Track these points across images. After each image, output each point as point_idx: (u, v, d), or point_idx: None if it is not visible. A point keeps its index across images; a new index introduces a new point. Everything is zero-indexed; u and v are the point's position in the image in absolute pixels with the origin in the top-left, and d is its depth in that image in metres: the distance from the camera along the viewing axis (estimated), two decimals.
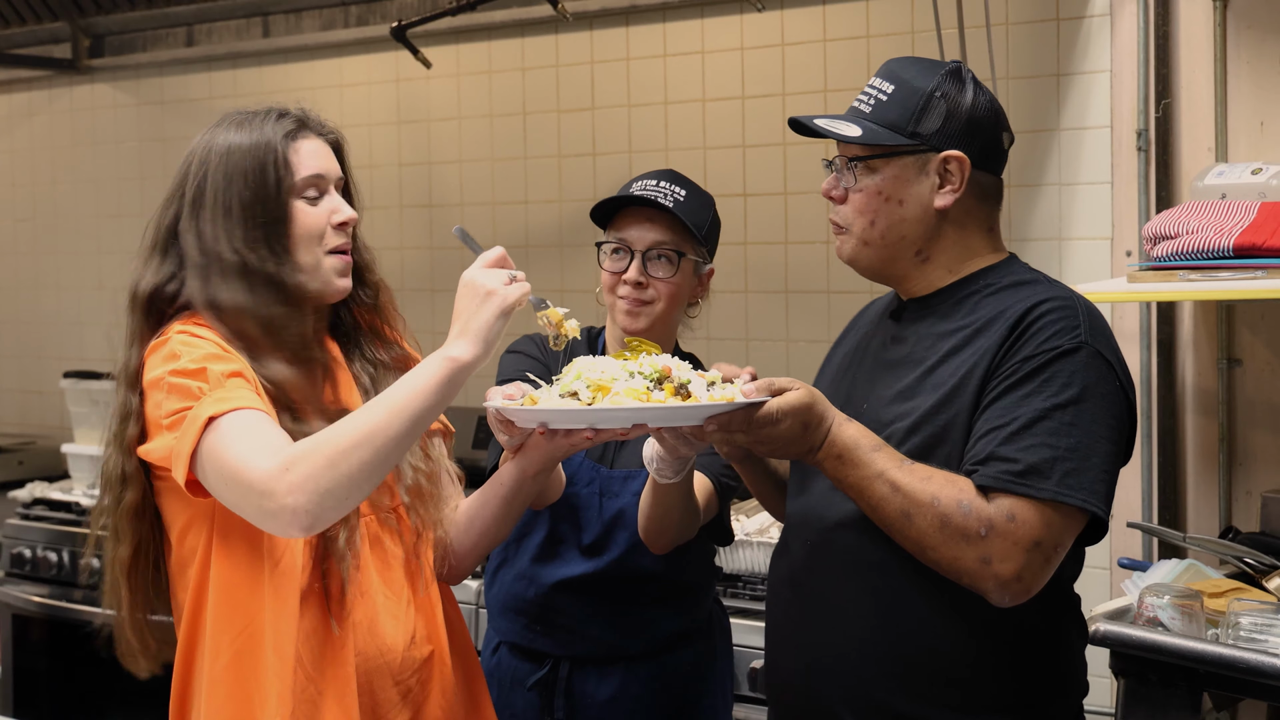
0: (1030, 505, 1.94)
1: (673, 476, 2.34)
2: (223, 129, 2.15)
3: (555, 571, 2.67)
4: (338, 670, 2.09)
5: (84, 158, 5.55)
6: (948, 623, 2.05)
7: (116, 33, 5.30)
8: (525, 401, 2.06)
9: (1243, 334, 3.31)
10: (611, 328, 2.74)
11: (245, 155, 2.11)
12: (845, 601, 2.12)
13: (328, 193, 2.16)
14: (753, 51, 4.02)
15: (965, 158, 2.13)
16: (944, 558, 1.96)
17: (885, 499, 1.98)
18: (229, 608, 2.07)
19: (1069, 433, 1.96)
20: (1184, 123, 3.35)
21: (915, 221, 2.14)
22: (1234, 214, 2.91)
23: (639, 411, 1.96)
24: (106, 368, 5.65)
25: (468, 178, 4.55)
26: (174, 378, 2.02)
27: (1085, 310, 2.06)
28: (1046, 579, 1.98)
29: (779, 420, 1.96)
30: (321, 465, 1.90)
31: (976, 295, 2.14)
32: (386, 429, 1.93)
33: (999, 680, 2.07)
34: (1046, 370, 1.99)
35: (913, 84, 2.14)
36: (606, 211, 2.71)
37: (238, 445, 1.94)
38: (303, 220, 2.12)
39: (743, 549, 3.35)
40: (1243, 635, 2.48)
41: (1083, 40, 3.48)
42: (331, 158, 2.19)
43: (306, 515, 1.90)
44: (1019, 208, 3.58)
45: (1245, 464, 3.30)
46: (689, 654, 2.75)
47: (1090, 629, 2.55)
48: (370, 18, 4.66)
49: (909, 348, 2.17)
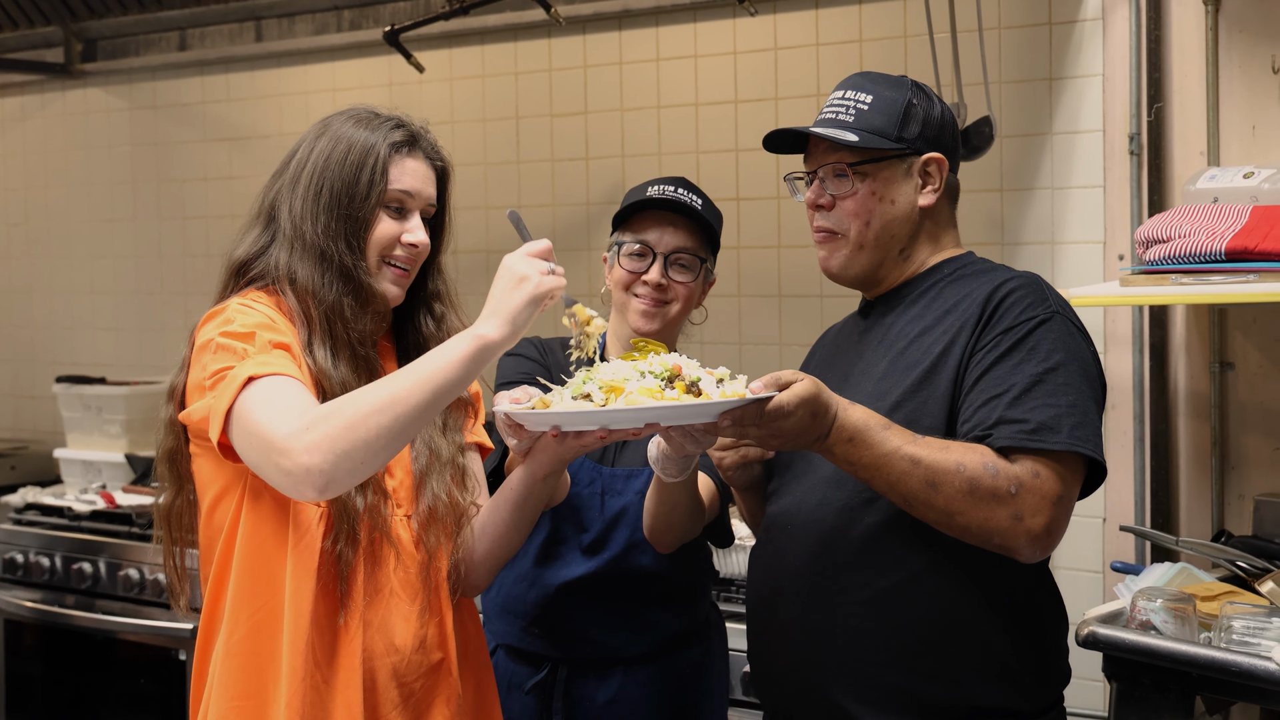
0: (1049, 460, 2.04)
1: (678, 475, 2.35)
2: (343, 119, 2.26)
3: (557, 573, 2.67)
4: (347, 660, 2.12)
5: (76, 162, 5.55)
6: (946, 601, 2.13)
7: (109, 37, 5.30)
8: (536, 405, 2.07)
9: (1235, 338, 3.31)
10: (618, 327, 2.75)
11: (351, 150, 2.21)
12: (838, 587, 2.17)
13: (412, 212, 2.24)
14: (745, 56, 4.03)
15: (944, 159, 2.31)
16: (973, 520, 2.03)
17: (906, 474, 2.04)
18: (252, 579, 2.11)
19: (1065, 392, 2.08)
20: (1176, 127, 3.36)
21: (904, 220, 2.30)
22: (1226, 218, 2.92)
23: (654, 411, 1.98)
24: (99, 372, 5.68)
25: (460, 182, 4.50)
26: (223, 338, 2.08)
27: (1047, 287, 2.21)
28: (1064, 531, 2.09)
29: (791, 412, 2.00)
30: (341, 427, 1.93)
31: (941, 283, 2.29)
32: (409, 398, 1.95)
33: (994, 653, 2.14)
34: (1030, 340, 2.12)
35: (888, 94, 2.31)
36: (623, 211, 2.72)
37: (268, 406, 1.98)
38: (378, 228, 2.20)
39: (736, 553, 3.36)
40: (1235, 639, 2.48)
41: (1075, 44, 3.49)
42: (430, 181, 2.28)
43: (321, 476, 1.93)
44: (1011, 212, 3.59)
45: (1238, 467, 3.31)
46: (688, 656, 2.75)
47: (1082, 632, 2.58)
48: (363, 22, 4.66)
49: (878, 339, 2.30)
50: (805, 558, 2.21)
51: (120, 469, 4.82)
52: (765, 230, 4.00)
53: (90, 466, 4.89)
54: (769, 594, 2.29)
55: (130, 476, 4.79)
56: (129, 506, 4.44)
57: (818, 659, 2.18)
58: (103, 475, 4.85)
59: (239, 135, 5.04)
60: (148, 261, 5.35)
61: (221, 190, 5.10)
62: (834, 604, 2.17)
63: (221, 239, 4.98)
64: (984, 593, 2.13)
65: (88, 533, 4.36)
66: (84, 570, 4.28)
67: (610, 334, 2.78)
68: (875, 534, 2.15)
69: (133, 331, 5.40)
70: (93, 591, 4.28)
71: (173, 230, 5.25)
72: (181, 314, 5.20)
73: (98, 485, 4.81)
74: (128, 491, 4.67)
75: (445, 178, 2.33)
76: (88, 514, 4.43)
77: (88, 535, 4.35)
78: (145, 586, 4.15)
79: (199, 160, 5.15)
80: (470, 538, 2.31)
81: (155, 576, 4.14)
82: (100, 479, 4.85)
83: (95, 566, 4.27)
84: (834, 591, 2.17)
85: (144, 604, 4.16)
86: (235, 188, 5.01)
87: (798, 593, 2.21)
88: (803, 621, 2.20)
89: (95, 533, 4.35)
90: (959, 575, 2.12)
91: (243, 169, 5.00)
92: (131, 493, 4.64)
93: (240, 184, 4.98)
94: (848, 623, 2.16)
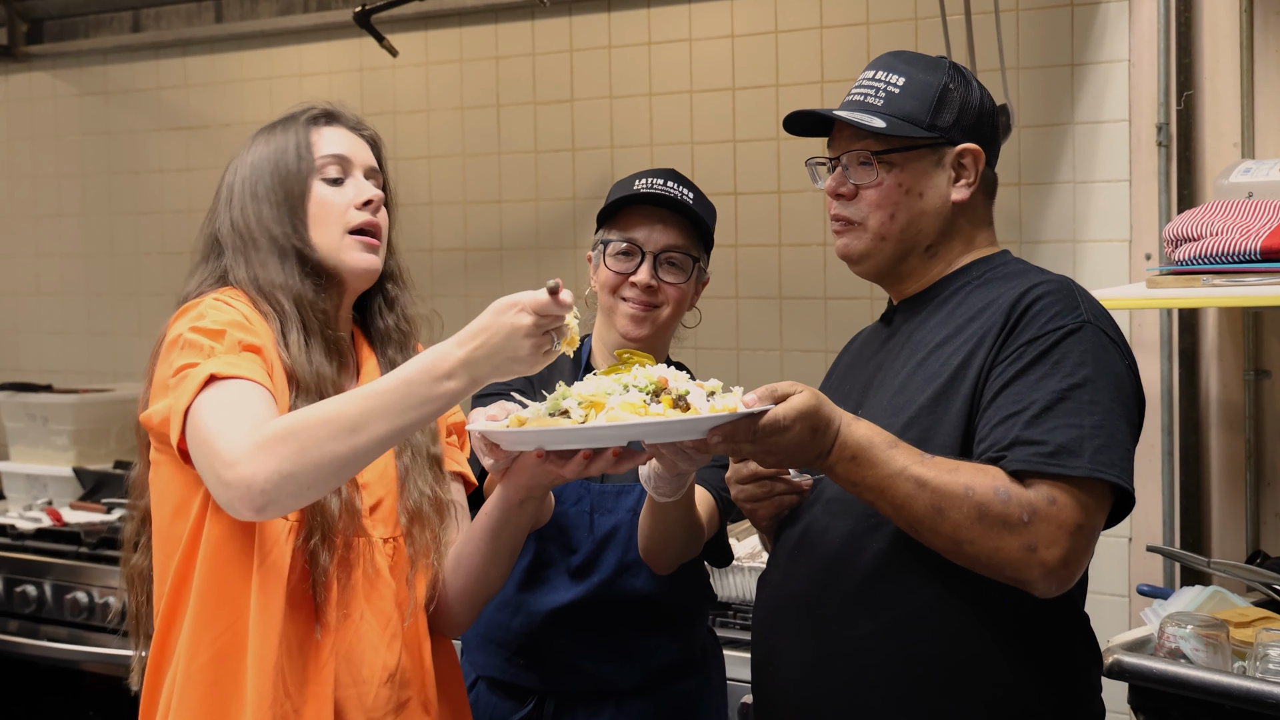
0: (1067, 487, 1.99)
1: (671, 495, 2.34)
2: (258, 134, 2.34)
3: (544, 598, 2.66)
4: (318, 689, 2.11)
5: (21, 152, 5.53)
6: (956, 637, 2.09)
7: (56, 17, 5.29)
8: (511, 422, 2.04)
9: (1271, 343, 3.32)
10: (604, 332, 2.74)
11: (272, 145, 2.29)
12: (845, 617, 2.14)
13: (352, 175, 2.30)
14: (744, 39, 4.03)
15: (980, 150, 2.26)
16: (983, 550, 1.99)
17: (912, 496, 2.01)
18: (215, 599, 2.09)
19: (1090, 411, 2.02)
20: (1207, 116, 3.36)
21: (933, 215, 2.26)
22: (1261, 214, 2.92)
23: (637, 427, 1.95)
24: (45, 379, 5.64)
25: (437, 174, 4.55)
26: (192, 333, 2.10)
27: (1081, 292, 2.16)
28: (1087, 564, 2.04)
29: (787, 427, 1.97)
30: (293, 448, 1.92)
31: (968, 287, 2.25)
32: (372, 429, 1.94)
33: (1008, 695, 2.10)
34: (1055, 351, 2.06)
35: (923, 77, 2.26)
36: (608, 207, 2.71)
37: (224, 411, 1.99)
38: (320, 201, 2.26)
39: (734, 574, 3.35)
40: (1271, 668, 2.48)
41: (1099, 27, 3.49)
42: (361, 147, 2.34)
43: (262, 495, 1.92)
44: (1030, 207, 3.59)
45: (1274, 483, 3.31)
46: (683, 688, 2.74)
47: (1107, 661, 2.57)
48: (332, 1, 4.65)
49: (900, 346, 2.26)
50: (809, 585, 2.19)
51: (68, 483, 4.80)
52: (765, 227, 3.99)
53: (35, 481, 4.87)
54: (772, 621, 2.27)
55: (79, 492, 4.76)
56: (77, 524, 4.41)
57: (819, 693, 2.16)
58: (49, 490, 4.83)
59: (197, 124, 5.03)
60: (98, 260, 5.34)
61: (178, 183, 5.09)
62: (839, 636, 2.14)
63: (178, 235, 5.00)
64: (1002, 628, 2.09)
65: (32, 553, 4.33)
66: (28, 593, 4.26)
67: (596, 341, 2.77)
68: (883, 562, 2.12)
69: (81, 335, 5.38)
70: (37, 616, 4.26)
71: (125, 226, 5.24)
72: (134, 316, 5.19)
73: (43, 501, 4.78)
74: (76, 508, 4.65)
75: (378, 147, 2.38)
76: (32, 532, 4.40)
77: (32, 555, 4.32)
78: (94, 611, 4.13)
79: (154, 150, 5.14)
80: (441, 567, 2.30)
81: (105, 600, 4.12)
82: (46, 494, 4.83)
83: (40, 589, 4.25)
84: (839, 622, 2.14)
85: (93, 629, 4.13)
86: (193, 180, 5.00)
87: (800, 622, 2.19)
88: (804, 653, 2.18)
89: (40, 553, 4.32)
90: (975, 608, 2.09)
91: (201, 160, 4.98)
92: (80, 509, 4.62)
93: (199, 176, 4.97)
94: (852, 657, 2.13)
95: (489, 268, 4.42)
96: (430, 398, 1.95)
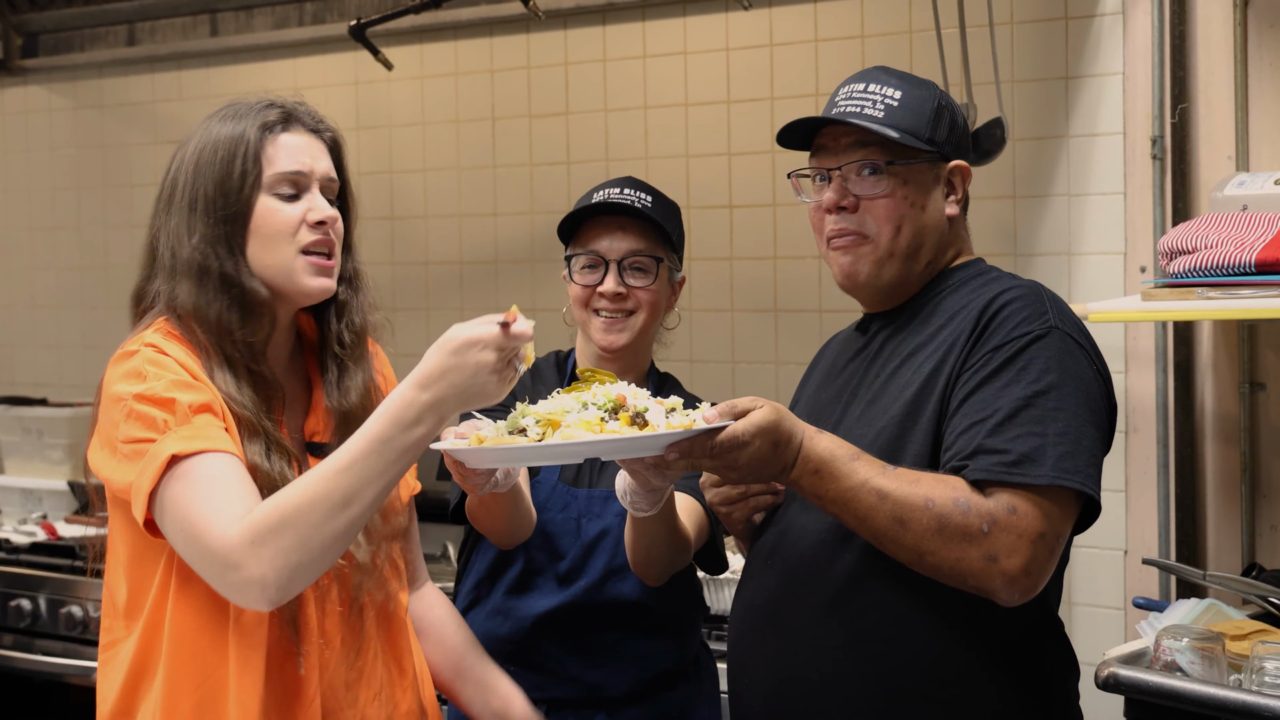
0: (1029, 495, 1.99)
1: (649, 509, 2.34)
2: (212, 118, 2.19)
3: (531, 604, 2.66)
4: None
5: (15, 165, 5.53)
6: (929, 646, 2.09)
7: (51, 31, 5.29)
8: (471, 440, 2.04)
9: (1266, 356, 3.32)
10: (585, 346, 2.75)
11: (219, 147, 2.13)
12: (817, 629, 2.14)
13: (309, 190, 2.16)
14: (739, 52, 4.03)
15: (969, 168, 2.27)
16: (945, 561, 1.99)
17: (873, 508, 2.00)
18: (190, 653, 2.05)
19: (1055, 418, 2.02)
20: (1202, 129, 3.36)
21: (933, 229, 2.26)
22: (1256, 227, 2.92)
23: (592, 445, 1.96)
24: (40, 393, 5.62)
25: (432, 188, 4.55)
26: (138, 404, 2.02)
27: (1050, 297, 2.16)
28: (1051, 572, 2.03)
29: (746, 443, 1.97)
30: (293, 540, 1.91)
31: (942, 294, 2.25)
32: (363, 496, 1.94)
33: (988, 704, 2.11)
34: (1021, 358, 2.06)
35: (917, 92, 2.26)
36: (571, 225, 2.73)
37: (202, 501, 1.94)
38: (270, 218, 2.12)
39: (729, 587, 3.35)
40: (1268, 681, 2.47)
41: (1093, 40, 3.50)
42: (321, 155, 2.20)
43: (276, 590, 1.92)
44: (1025, 220, 3.60)
45: (1269, 496, 3.31)
46: (674, 698, 2.74)
47: (1102, 674, 2.57)
48: (327, 15, 4.66)
49: (873, 356, 2.26)
50: (781, 594, 2.19)
51: (63, 497, 4.79)
52: (760, 240, 4.00)
53: (30, 495, 4.87)
54: (746, 630, 2.27)
55: (73, 506, 4.76)
56: (72, 538, 4.41)
57: (791, 707, 2.15)
58: (43, 504, 4.83)
59: None
60: (93, 273, 5.33)
61: None
62: (811, 646, 2.14)
63: None
64: (978, 637, 2.10)
65: (27, 567, 4.33)
66: (22, 608, 4.25)
67: (579, 356, 2.79)
68: (855, 571, 2.11)
69: (76, 349, 5.38)
70: (32, 631, 4.25)
71: (120, 240, 5.23)
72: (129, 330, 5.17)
73: (38, 515, 4.77)
74: (71, 522, 4.64)
75: (338, 148, 2.25)
76: (27, 546, 4.40)
77: (27, 569, 4.31)
78: (89, 625, 4.12)
79: (149, 164, 5.13)
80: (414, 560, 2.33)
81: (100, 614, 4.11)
82: (41, 508, 4.82)
83: (35, 603, 4.24)
84: (811, 633, 2.14)
85: (87, 644, 4.12)
86: None
87: (773, 632, 2.19)
88: (776, 664, 2.18)
89: (35, 566, 4.32)
90: (949, 618, 2.08)
91: None
92: (75, 523, 4.61)
93: None
94: (824, 668, 2.12)
95: (484, 281, 4.41)
96: (406, 448, 1.94)
